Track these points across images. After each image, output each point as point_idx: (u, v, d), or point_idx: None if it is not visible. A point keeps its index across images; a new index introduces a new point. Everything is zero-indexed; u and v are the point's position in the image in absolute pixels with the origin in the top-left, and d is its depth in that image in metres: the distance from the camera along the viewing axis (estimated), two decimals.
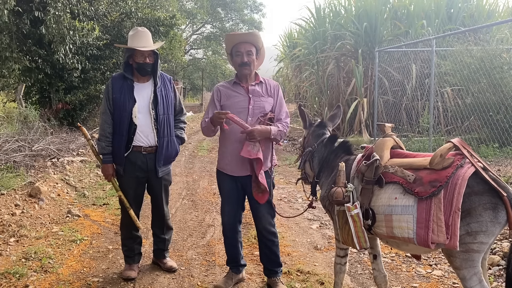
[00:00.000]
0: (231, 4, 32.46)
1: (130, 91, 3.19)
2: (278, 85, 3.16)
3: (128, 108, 3.16)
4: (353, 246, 2.39)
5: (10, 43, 8.09)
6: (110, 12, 10.74)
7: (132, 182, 3.30)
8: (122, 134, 3.18)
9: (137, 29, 3.21)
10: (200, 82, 31.96)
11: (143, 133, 3.20)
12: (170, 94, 3.33)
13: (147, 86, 3.26)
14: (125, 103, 3.16)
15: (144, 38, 3.17)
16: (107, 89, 3.25)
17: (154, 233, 3.56)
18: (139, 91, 3.22)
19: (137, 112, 3.17)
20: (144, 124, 3.19)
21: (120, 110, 3.17)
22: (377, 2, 11.16)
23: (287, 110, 3.14)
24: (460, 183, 2.00)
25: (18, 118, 8.58)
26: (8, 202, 4.94)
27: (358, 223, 2.31)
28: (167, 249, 3.58)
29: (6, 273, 3.39)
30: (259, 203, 3.01)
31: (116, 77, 3.28)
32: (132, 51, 3.16)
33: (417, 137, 8.54)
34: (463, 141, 2.18)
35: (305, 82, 14.35)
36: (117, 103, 3.18)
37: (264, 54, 3.14)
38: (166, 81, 3.36)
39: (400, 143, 2.54)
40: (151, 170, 3.28)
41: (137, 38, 3.14)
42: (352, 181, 2.47)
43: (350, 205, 2.34)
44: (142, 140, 3.21)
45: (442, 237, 2.00)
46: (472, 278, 2.06)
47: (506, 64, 7.56)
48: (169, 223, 3.57)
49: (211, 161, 9.08)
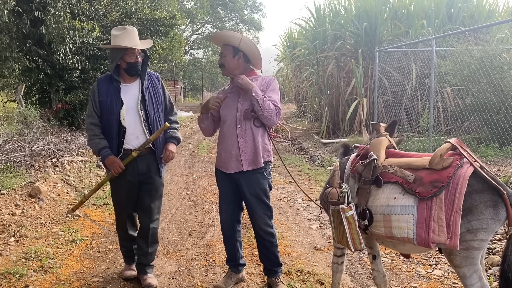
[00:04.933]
0: (231, 4, 32.45)
1: (117, 93, 3.07)
2: (273, 79, 3.08)
3: (116, 110, 3.04)
4: (347, 247, 2.38)
5: (10, 43, 8.09)
6: (110, 12, 10.74)
7: (123, 186, 3.16)
8: (112, 137, 3.07)
9: (126, 28, 3.05)
10: (200, 82, 31.95)
11: (133, 135, 3.08)
12: (159, 92, 3.21)
13: (134, 86, 3.15)
14: (113, 106, 3.05)
15: (135, 36, 3.06)
16: (93, 92, 3.13)
17: (138, 244, 3.30)
18: (126, 92, 3.11)
19: (125, 114, 3.05)
20: (134, 126, 3.08)
21: (108, 113, 3.06)
22: (377, 2, 11.15)
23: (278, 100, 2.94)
24: (462, 183, 2.01)
25: (18, 118, 8.57)
26: (8, 202, 4.94)
27: (353, 224, 2.29)
28: (149, 264, 3.30)
29: (6, 273, 3.39)
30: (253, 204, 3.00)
31: (102, 79, 3.16)
32: (124, 51, 3.02)
33: (417, 137, 8.53)
34: (460, 141, 2.19)
35: (305, 82, 14.34)
36: (104, 106, 3.07)
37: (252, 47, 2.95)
38: (154, 79, 3.23)
39: (393, 143, 2.54)
40: (142, 173, 3.14)
41: (127, 37, 3.01)
42: (347, 181, 2.45)
43: (345, 206, 2.32)
44: (132, 143, 3.08)
45: (443, 237, 2.01)
46: (472, 276, 2.06)
47: (506, 64, 7.55)
48: (157, 235, 3.32)
49: (211, 161, 9.08)
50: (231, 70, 3.00)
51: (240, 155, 2.94)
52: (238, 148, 2.94)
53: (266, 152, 3.03)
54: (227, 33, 3.00)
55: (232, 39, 2.94)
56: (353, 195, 2.38)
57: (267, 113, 2.85)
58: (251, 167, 2.96)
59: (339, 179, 2.42)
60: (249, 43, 2.98)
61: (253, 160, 2.96)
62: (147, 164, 3.14)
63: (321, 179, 6.91)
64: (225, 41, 2.97)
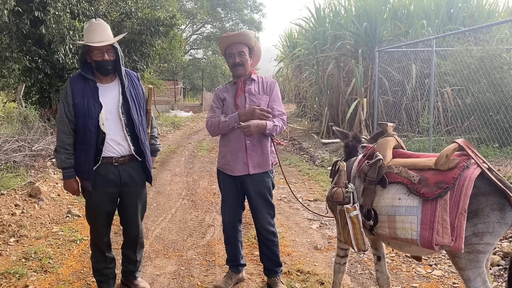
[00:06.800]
0: (231, 4, 32.48)
1: (95, 93, 2.73)
2: (275, 82, 3.14)
3: (95, 114, 2.70)
4: (352, 247, 2.38)
5: (10, 43, 8.09)
6: (110, 12, 10.74)
7: (103, 200, 2.83)
8: (89, 144, 2.71)
9: (91, 22, 2.74)
10: (200, 82, 31.95)
11: (113, 142, 2.77)
12: (140, 94, 2.93)
13: (113, 87, 2.82)
14: (90, 109, 2.70)
15: (100, 31, 2.70)
16: (65, 93, 2.75)
17: (125, 254, 3.13)
18: (104, 93, 2.77)
19: (104, 118, 2.72)
20: (114, 132, 2.76)
21: (85, 117, 2.70)
22: (377, 2, 11.15)
23: (282, 109, 3.06)
24: (467, 185, 1.97)
25: (18, 118, 8.56)
26: (8, 202, 4.94)
27: (357, 224, 2.29)
28: (138, 270, 3.18)
29: (6, 273, 3.39)
30: (258, 203, 3.02)
31: (75, 78, 2.79)
32: (86, 48, 2.70)
33: (417, 137, 8.53)
34: (468, 142, 2.15)
35: (305, 82, 14.34)
36: (79, 109, 2.70)
37: (260, 51, 3.13)
38: (134, 78, 2.94)
39: (401, 143, 2.53)
40: (125, 183, 2.85)
41: (91, 32, 2.68)
42: (353, 181, 2.45)
43: (349, 206, 2.31)
44: (113, 150, 2.78)
45: (447, 238, 1.97)
46: (476, 279, 2.03)
47: (506, 64, 7.55)
48: (143, 240, 3.17)
49: (211, 161, 9.08)
50: (247, 69, 3.03)
51: (247, 158, 2.96)
52: (246, 151, 2.96)
53: (272, 155, 3.09)
54: (248, 33, 3.02)
55: (252, 40, 3.00)
56: (358, 195, 2.37)
57: (278, 132, 2.99)
58: (258, 171, 2.99)
59: (345, 179, 2.42)
60: (258, 44, 3.09)
61: (259, 164, 2.99)
62: (130, 174, 2.87)
63: (321, 179, 6.91)
64: (245, 41, 2.99)
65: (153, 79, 17.62)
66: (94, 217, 2.91)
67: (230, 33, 3.10)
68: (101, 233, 2.94)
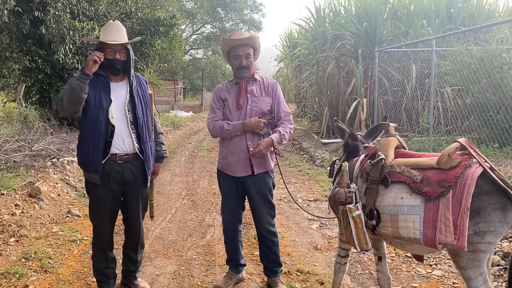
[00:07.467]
0: (231, 4, 32.50)
1: (106, 88, 2.84)
2: (276, 83, 3.14)
3: (105, 106, 2.79)
4: (354, 247, 2.38)
5: (10, 43, 8.10)
6: (110, 12, 10.73)
7: (107, 196, 2.88)
8: (99, 135, 2.77)
9: (109, 22, 2.90)
10: (200, 82, 31.97)
11: (119, 137, 2.84)
12: (146, 96, 3.01)
13: (122, 86, 2.93)
14: (102, 101, 2.79)
15: (116, 31, 2.84)
16: None
17: (126, 254, 3.16)
18: (114, 90, 2.88)
19: (113, 112, 2.81)
20: (120, 127, 2.84)
21: (96, 108, 2.78)
22: (377, 2, 11.15)
23: (287, 109, 3.10)
24: (469, 183, 1.96)
25: (18, 118, 8.56)
26: (8, 202, 4.94)
27: (359, 224, 2.29)
28: (138, 270, 3.21)
29: (6, 273, 3.39)
30: (258, 203, 3.02)
31: None
32: (100, 45, 2.83)
33: (417, 137, 8.53)
34: (470, 141, 2.15)
35: (305, 82, 14.35)
36: (91, 101, 2.78)
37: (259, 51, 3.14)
38: (142, 81, 3.05)
39: (403, 143, 2.53)
40: (127, 181, 2.90)
41: (108, 31, 2.83)
42: (355, 181, 2.45)
43: (352, 206, 2.31)
44: (118, 146, 2.85)
45: (450, 237, 1.97)
46: (477, 278, 2.03)
47: (506, 64, 7.55)
48: (143, 240, 3.23)
49: (211, 161, 9.08)
50: (251, 71, 3.04)
51: (249, 158, 2.96)
52: (247, 152, 2.96)
53: (272, 155, 3.09)
54: (256, 37, 3.02)
55: (257, 42, 3.01)
56: (361, 195, 2.37)
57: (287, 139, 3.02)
58: (261, 170, 3.01)
59: (348, 179, 2.42)
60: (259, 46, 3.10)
61: (261, 164, 3.00)
62: (132, 172, 2.92)
63: (321, 179, 6.91)
64: (251, 43, 2.99)
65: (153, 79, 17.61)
66: (98, 215, 2.94)
67: (234, 33, 3.08)
68: (104, 232, 2.96)
